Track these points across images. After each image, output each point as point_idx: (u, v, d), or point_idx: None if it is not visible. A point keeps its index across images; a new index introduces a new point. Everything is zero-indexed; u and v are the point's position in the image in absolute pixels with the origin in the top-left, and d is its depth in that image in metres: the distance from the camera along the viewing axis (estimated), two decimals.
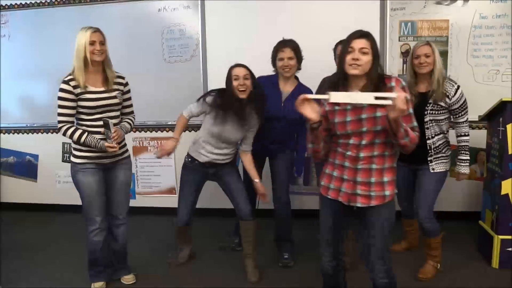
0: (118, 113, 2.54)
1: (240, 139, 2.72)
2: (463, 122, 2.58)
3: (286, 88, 2.80)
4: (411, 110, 1.74)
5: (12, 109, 4.29)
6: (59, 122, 2.42)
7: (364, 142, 1.76)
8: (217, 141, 2.65)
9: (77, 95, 2.38)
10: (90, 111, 2.42)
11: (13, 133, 4.36)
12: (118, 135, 2.45)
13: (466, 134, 2.59)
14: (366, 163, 1.78)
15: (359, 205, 1.82)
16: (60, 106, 2.40)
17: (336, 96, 1.64)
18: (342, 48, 1.80)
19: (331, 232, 1.96)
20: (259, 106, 2.62)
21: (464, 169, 2.62)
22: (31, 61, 4.15)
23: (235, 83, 2.54)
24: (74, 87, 2.37)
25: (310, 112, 1.70)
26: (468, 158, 2.62)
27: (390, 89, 1.72)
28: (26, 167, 4.38)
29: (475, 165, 3.69)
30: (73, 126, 2.42)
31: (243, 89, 2.53)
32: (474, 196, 3.64)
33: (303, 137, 2.82)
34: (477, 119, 3.14)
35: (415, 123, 1.76)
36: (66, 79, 2.40)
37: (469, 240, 3.28)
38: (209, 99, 2.63)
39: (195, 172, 2.74)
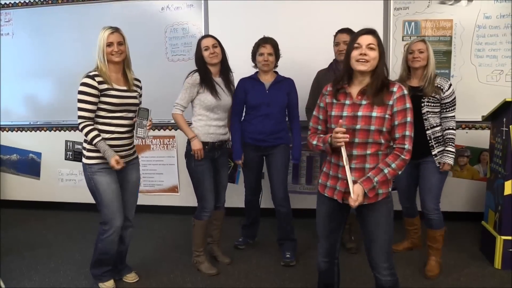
0: (134, 114, 2.47)
1: (230, 104, 2.86)
2: (451, 116, 2.69)
3: (267, 79, 2.95)
4: (408, 119, 1.77)
5: (15, 107, 4.30)
6: (80, 117, 2.33)
7: (357, 140, 1.78)
8: (218, 112, 2.75)
9: (101, 91, 2.32)
10: (112, 108, 2.36)
11: (16, 131, 4.37)
12: (150, 126, 2.44)
13: (453, 128, 2.70)
14: (359, 162, 1.80)
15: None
16: (82, 101, 2.32)
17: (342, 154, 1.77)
18: (348, 45, 1.84)
19: (326, 229, 1.99)
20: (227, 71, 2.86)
21: (450, 160, 2.67)
22: (34, 59, 4.16)
23: (205, 53, 2.70)
24: (99, 82, 2.31)
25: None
26: (454, 150, 2.69)
27: (391, 94, 1.78)
28: (29, 165, 4.39)
29: (478, 165, 3.68)
30: (92, 125, 2.35)
31: (214, 56, 2.71)
32: (477, 196, 3.63)
33: (296, 124, 3.01)
34: (481, 119, 3.12)
35: (407, 132, 1.77)
36: (91, 74, 2.34)
37: (472, 240, 3.28)
38: (193, 79, 2.71)
39: (206, 161, 2.75)
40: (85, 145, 2.42)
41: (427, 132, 2.65)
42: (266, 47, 2.86)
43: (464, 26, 3.50)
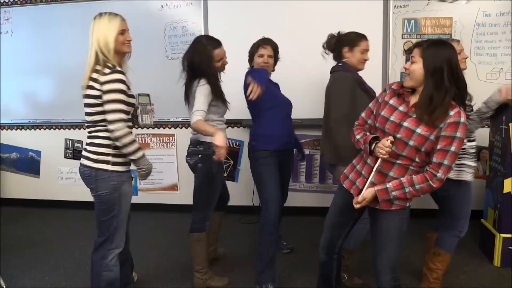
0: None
1: None
2: None
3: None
4: (452, 148, 1.60)
5: (14, 105, 4.30)
6: (119, 121, 1.87)
7: (393, 147, 1.69)
8: (223, 117, 2.62)
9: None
10: (130, 108, 2.01)
11: (16, 129, 4.37)
12: (154, 111, 2.19)
13: None
14: (385, 168, 1.73)
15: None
16: (120, 102, 1.88)
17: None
18: None
19: (333, 221, 1.97)
20: None
21: None
22: (33, 57, 4.16)
23: (219, 63, 2.51)
24: None
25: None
26: None
27: (445, 117, 1.61)
28: (29, 163, 4.40)
29: (477, 163, 3.68)
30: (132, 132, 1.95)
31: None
32: (477, 194, 3.60)
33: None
34: None
35: (445, 162, 1.61)
36: (116, 68, 1.92)
37: (471, 238, 3.27)
38: (209, 89, 2.42)
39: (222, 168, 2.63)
40: (104, 149, 1.96)
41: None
42: (267, 49, 2.72)
43: (463, 24, 3.51)
